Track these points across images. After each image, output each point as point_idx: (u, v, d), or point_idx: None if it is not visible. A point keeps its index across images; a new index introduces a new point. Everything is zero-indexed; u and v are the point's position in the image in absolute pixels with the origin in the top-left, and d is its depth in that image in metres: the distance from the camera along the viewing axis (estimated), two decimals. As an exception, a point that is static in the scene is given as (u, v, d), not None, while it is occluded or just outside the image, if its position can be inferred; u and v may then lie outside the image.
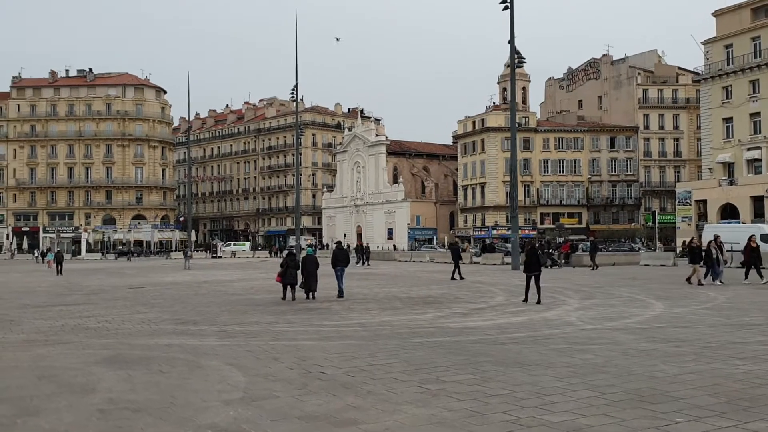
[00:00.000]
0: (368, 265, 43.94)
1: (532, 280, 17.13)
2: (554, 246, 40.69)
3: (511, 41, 37.77)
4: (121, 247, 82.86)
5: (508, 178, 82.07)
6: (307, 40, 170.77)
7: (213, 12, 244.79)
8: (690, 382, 7.78)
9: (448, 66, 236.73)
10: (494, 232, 79.95)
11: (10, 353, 10.56)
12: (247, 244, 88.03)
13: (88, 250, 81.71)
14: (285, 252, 20.24)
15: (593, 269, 33.62)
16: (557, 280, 26.44)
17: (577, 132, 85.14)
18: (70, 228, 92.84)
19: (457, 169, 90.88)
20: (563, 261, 38.76)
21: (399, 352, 10.06)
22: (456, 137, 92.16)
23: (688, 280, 22.80)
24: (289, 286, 18.75)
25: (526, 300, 17.25)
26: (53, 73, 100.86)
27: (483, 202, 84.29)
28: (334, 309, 16.41)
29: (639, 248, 61.05)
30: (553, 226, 78.74)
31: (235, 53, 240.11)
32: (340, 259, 20.05)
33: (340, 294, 19.43)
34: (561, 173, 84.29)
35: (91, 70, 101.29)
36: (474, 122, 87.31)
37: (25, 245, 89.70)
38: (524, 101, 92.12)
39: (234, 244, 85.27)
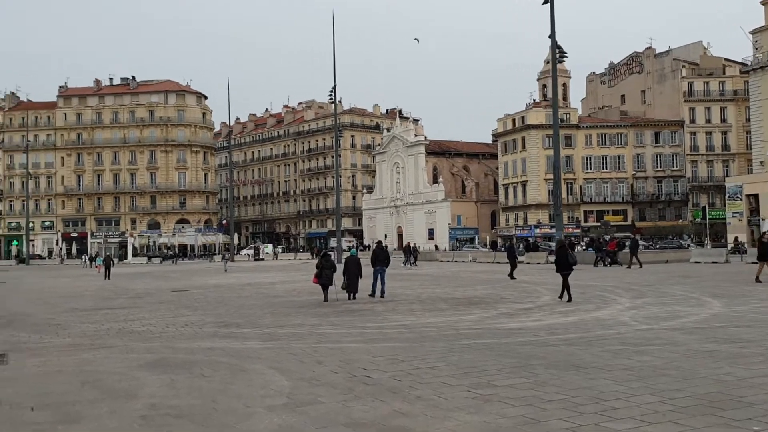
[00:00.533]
0: (416, 265, 43.28)
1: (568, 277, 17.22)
2: (602, 244, 39.67)
3: (552, 35, 37.01)
4: (166, 251, 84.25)
5: (550, 176, 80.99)
6: (344, 42, 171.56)
7: (249, 17, 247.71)
8: (762, 386, 7.25)
9: (486, 64, 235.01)
10: (537, 230, 78.79)
11: (56, 358, 10.55)
12: (270, 246, 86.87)
13: (134, 254, 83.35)
14: (320, 254, 20.01)
15: (639, 267, 32.57)
16: (605, 278, 25.71)
17: (620, 127, 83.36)
18: (117, 233, 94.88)
19: (497, 168, 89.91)
20: (610, 259, 37.77)
21: (447, 355, 9.71)
22: (496, 135, 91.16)
23: (758, 278, 21.60)
24: (325, 287, 18.59)
25: (569, 299, 16.89)
26: (98, 82, 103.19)
27: (525, 201, 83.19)
28: (377, 310, 16.12)
29: (688, 245, 59.30)
30: (599, 223, 77.17)
31: (274, 57, 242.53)
32: (381, 258, 19.82)
33: (382, 294, 19.31)
34: (604, 170, 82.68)
35: (134, 77, 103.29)
36: (514, 120, 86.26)
37: (74, 250, 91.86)
38: (565, 98, 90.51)
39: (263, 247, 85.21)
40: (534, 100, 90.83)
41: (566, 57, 37.70)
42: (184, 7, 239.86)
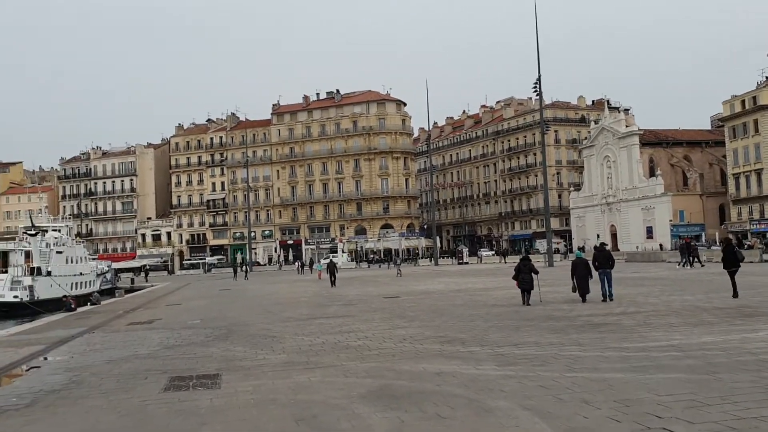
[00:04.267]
0: (703, 265, 36.50)
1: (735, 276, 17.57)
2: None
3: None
4: (372, 256, 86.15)
5: (793, 161, 70.32)
6: (543, 33, 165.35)
7: (443, 20, 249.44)
8: None
9: (700, 45, 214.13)
10: (777, 224, 68.66)
11: (270, 380, 9.41)
12: (345, 255, 79.35)
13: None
14: (521, 256, 20.49)
15: None
16: None
17: None
18: (327, 239, 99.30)
19: (725, 156, 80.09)
20: None
21: (768, 397, 6.97)
22: (721, 120, 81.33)
23: None
24: (525, 292, 18.61)
25: (735, 295, 17.04)
26: (306, 98, 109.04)
27: (760, 191, 72.92)
28: (626, 325, 13.37)
29: None
30: None
31: (471, 56, 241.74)
32: (600, 261, 18.72)
33: (610, 297, 18.40)
34: None
35: (338, 90, 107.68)
36: (743, 101, 76.07)
37: (290, 257, 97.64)
38: (806, 70, 78.39)
39: (334, 256, 75.27)
40: (766, 78, 79.76)
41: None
42: (381, 15, 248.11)
